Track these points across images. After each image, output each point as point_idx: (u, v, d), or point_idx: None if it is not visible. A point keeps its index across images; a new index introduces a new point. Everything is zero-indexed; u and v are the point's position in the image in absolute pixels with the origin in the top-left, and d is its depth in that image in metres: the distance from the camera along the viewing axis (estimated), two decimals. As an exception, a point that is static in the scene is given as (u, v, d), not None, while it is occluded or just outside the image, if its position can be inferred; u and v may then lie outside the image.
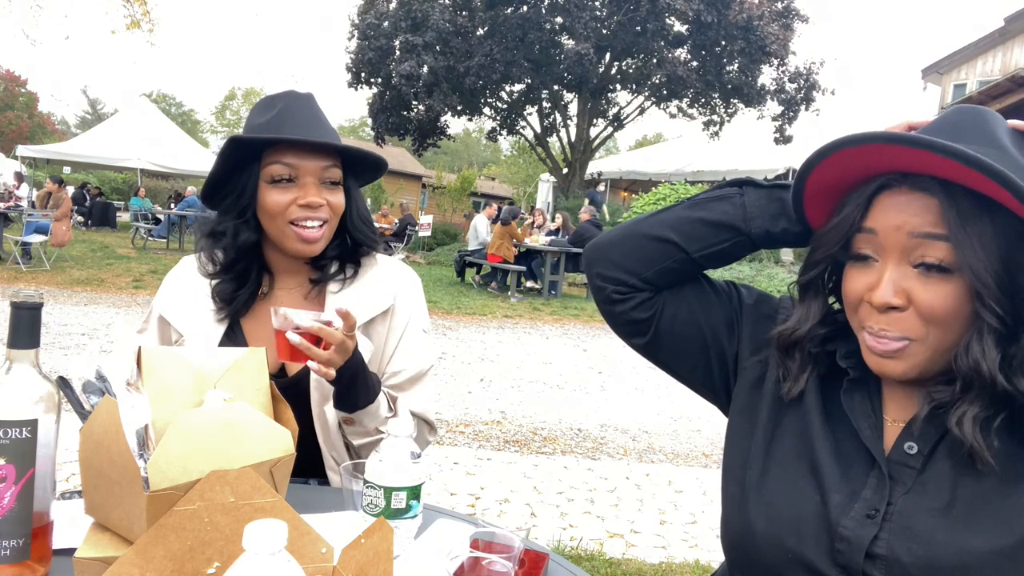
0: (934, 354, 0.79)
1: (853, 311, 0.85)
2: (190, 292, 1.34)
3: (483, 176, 38.65)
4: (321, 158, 1.27)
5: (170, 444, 0.72)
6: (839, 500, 0.83)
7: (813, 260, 0.89)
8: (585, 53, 16.26)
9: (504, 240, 11.10)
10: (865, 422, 0.86)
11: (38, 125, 43.59)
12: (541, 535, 3.02)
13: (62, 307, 7.57)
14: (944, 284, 0.77)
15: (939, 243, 0.76)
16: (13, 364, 0.78)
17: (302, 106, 1.30)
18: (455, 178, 26.89)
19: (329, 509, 1.07)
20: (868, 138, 0.77)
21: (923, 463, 0.81)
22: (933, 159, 0.74)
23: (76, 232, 13.46)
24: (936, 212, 0.76)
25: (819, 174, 0.85)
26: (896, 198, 0.79)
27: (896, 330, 0.79)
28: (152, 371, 0.87)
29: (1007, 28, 17.44)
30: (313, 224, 1.27)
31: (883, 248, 0.80)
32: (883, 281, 0.79)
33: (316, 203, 1.26)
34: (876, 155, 0.79)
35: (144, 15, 13.74)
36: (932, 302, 0.77)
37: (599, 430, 4.76)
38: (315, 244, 1.29)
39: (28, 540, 0.77)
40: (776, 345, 0.93)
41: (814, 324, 0.90)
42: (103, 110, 55.00)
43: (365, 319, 1.32)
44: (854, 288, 0.83)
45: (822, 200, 0.89)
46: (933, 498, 0.79)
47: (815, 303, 0.91)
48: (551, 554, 1.00)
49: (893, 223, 0.79)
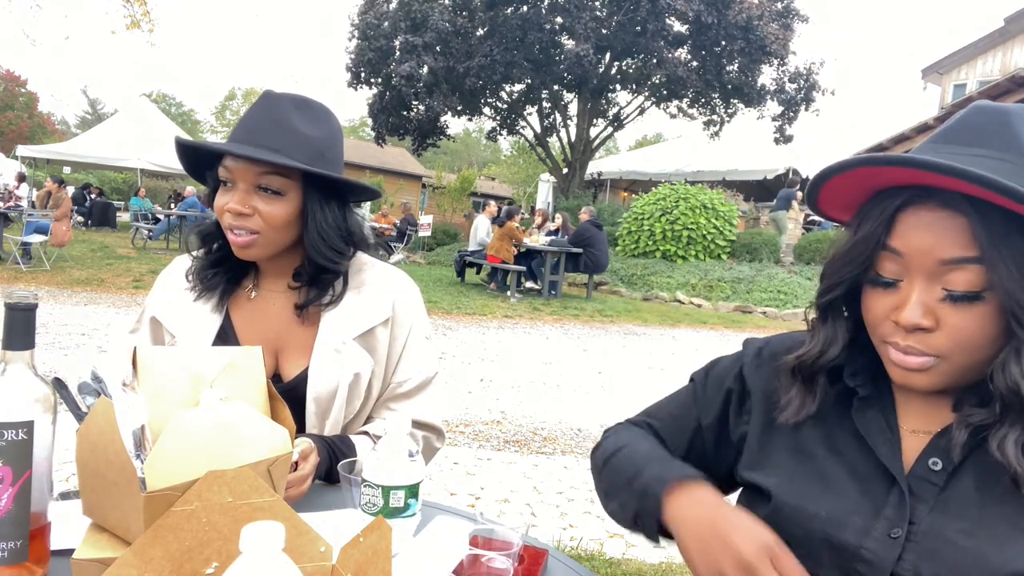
0: (962, 370, 0.77)
1: (875, 327, 0.82)
2: (183, 293, 1.33)
3: (483, 176, 38.64)
4: (258, 164, 1.20)
5: (167, 444, 0.72)
6: (859, 522, 0.79)
7: (833, 281, 0.84)
8: (585, 53, 16.26)
9: (503, 241, 11.10)
10: (880, 438, 0.83)
11: (38, 125, 43.58)
12: (541, 535, 3.02)
13: (62, 307, 7.57)
14: (975, 308, 0.73)
15: (970, 266, 0.72)
16: (8, 366, 0.77)
17: (264, 107, 1.24)
18: (455, 178, 26.89)
19: (327, 508, 1.07)
20: (887, 160, 0.74)
21: (946, 480, 0.78)
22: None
23: (76, 232, 13.46)
24: (967, 232, 0.72)
25: (835, 184, 0.82)
26: (923, 216, 0.74)
27: (924, 347, 0.76)
28: (148, 371, 0.87)
29: (1007, 28, 17.43)
30: (240, 232, 1.22)
31: (909, 269, 0.76)
32: (911, 303, 0.75)
33: (236, 210, 1.20)
34: (895, 171, 0.75)
35: (144, 15, 13.74)
36: (962, 326, 0.74)
37: (599, 430, 4.75)
38: (247, 250, 1.24)
39: (26, 542, 0.77)
40: (795, 372, 0.89)
41: (843, 346, 0.86)
42: (103, 110, 55.00)
43: (364, 329, 1.30)
44: (879, 309, 0.80)
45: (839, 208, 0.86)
46: (958, 517, 0.76)
47: (839, 324, 0.87)
48: (551, 550, 0.99)
49: (921, 246, 0.74)
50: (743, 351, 1.02)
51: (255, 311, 1.33)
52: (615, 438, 1.02)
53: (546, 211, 15.25)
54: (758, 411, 0.94)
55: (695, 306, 11.94)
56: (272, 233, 1.24)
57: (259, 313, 1.32)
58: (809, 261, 13.40)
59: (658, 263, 13.72)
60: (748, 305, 11.73)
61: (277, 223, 1.23)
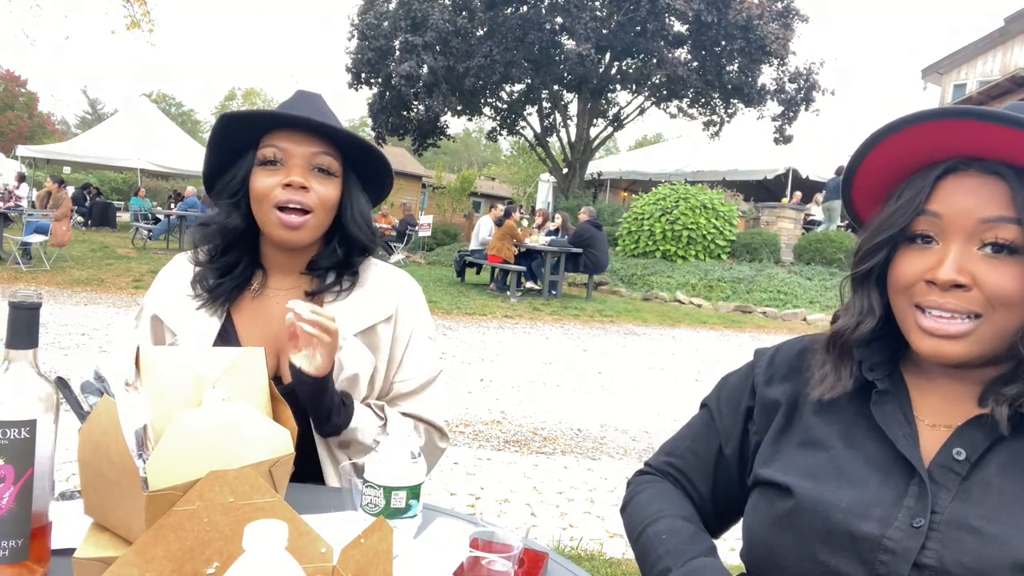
0: (995, 336, 0.77)
1: (904, 291, 0.81)
2: (184, 291, 1.32)
3: (483, 176, 38.65)
4: (313, 143, 1.24)
5: (169, 444, 0.72)
6: (880, 513, 0.79)
7: (872, 247, 0.84)
8: (585, 53, 16.26)
9: (504, 240, 11.10)
10: (900, 431, 0.83)
11: (38, 125, 43.60)
12: (541, 535, 3.02)
13: (62, 307, 7.57)
14: (1011, 265, 0.75)
15: (1009, 225, 0.74)
16: (11, 364, 0.77)
17: (307, 99, 1.29)
18: (455, 178, 26.90)
19: (328, 510, 1.07)
20: (944, 113, 0.76)
21: (968, 470, 0.78)
22: (1003, 140, 0.73)
23: (76, 232, 13.46)
24: (1007, 195, 0.75)
25: (876, 157, 0.83)
26: (964, 181, 0.77)
27: (962, 303, 0.76)
28: (150, 371, 0.87)
29: (1007, 28, 17.44)
30: (295, 206, 1.22)
31: (947, 231, 0.78)
32: (948, 259, 0.76)
33: (297, 182, 1.20)
34: (940, 138, 0.77)
35: (144, 15, 13.74)
36: (999, 282, 0.75)
37: (599, 430, 4.75)
38: (297, 232, 1.23)
39: (27, 540, 0.77)
40: (830, 347, 0.89)
41: (879, 318, 0.86)
42: (103, 110, 55.02)
43: (366, 325, 1.30)
44: (911, 269, 0.80)
45: (871, 193, 0.87)
46: (980, 506, 0.76)
47: (873, 296, 0.87)
48: (551, 554, 0.99)
49: (962, 206, 0.77)
50: (754, 363, 1.02)
51: (257, 311, 1.32)
52: (639, 503, 1.02)
53: (546, 211, 15.25)
54: (777, 416, 0.94)
55: (695, 306, 11.94)
56: (323, 214, 1.25)
57: (261, 313, 1.32)
58: (809, 261, 13.40)
59: (658, 263, 13.72)
60: (748, 305, 11.73)
61: (329, 204, 1.26)
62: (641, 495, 1.03)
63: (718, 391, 1.04)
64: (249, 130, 1.26)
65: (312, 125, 1.23)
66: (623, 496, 1.07)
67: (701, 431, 1.04)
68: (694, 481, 1.02)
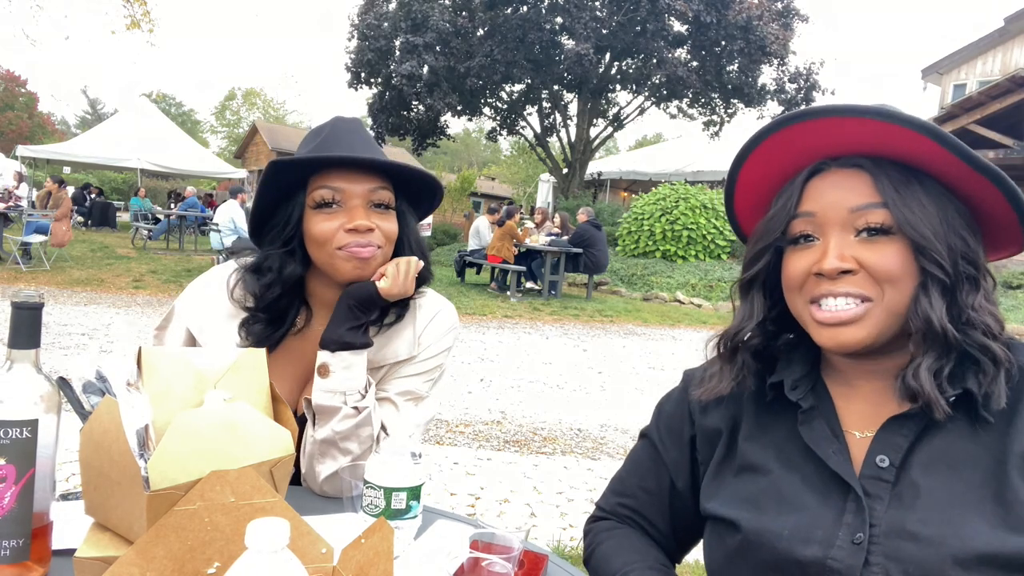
0: (888, 316, 0.80)
1: (797, 289, 0.85)
2: (221, 313, 1.26)
3: (483, 176, 38.65)
4: (368, 180, 1.19)
5: (170, 444, 0.72)
6: (822, 534, 0.79)
7: (755, 253, 0.90)
8: (585, 53, 16.27)
9: (504, 240, 11.10)
10: (829, 448, 0.84)
11: (38, 125, 43.61)
12: (541, 535, 3.02)
13: (62, 307, 7.57)
14: (888, 244, 0.80)
15: (878, 210, 0.80)
16: (14, 364, 0.78)
17: (348, 129, 1.24)
18: (455, 178, 26.90)
19: (329, 511, 1.07)
20: (796, 116, 0.82)
21: (896, 475, 0.79)
22: (856, 132, 0.79)
23: (76, 232, 13.46)
24: (870, 184, 0.81)
25: (748, 173, 0.89)
26: (829, 178, 0.83)
27: (853, 287, 0.80)
28: (152, 371, 0.87)
29: (1007, 28, 17.45)
30: (367, 246, 1.18)
31: (823, 226, 0.83)
32: (830, 249, 0.81)
33: (364, 226, 1.16)
34: (802, 142, 0.83)
35: (144, 15, 13.75)
36: (880, 261, 0.79)
37: (599, 430, 4.76)
38: (367, 264, 1.19)
39: (28, 540, 0.77)
40: (720, 348, 0.94)
41: (759, 321, 0.90)
42: (103, 110, 55.04)
43: (397, 360, 1.27)
44: (799, 266, 0.84)
45: (754, 208, 0.93)
46: (913, 510, 0.77)
47: (756, 301, 0.91)
48: (551, 555, 0.99)
49: (831, 201, 0.82)
50: (685, 386, 1.02)
51: (294, 348, 1.27)
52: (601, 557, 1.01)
53: (546, 211, 15.25)
54: (719, 444, 0.95)
55: (695, 306, 11.94)
56: (388, 248, 1.23)
57: (297, 350, 1.27)
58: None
59: (658, 263, 13.72)
60: (748, 305, 11.72)
61: (392, 237, 1.23)
62: (602, 547, 1.02)
63: (656, 421, 1.04)
64: (295, 169, 1.19)
65: (374, 165, 1.19)
66: (583, 546, 1.05)
67: (648, 466, 1.03)
68: (651, 519, 1.02)
